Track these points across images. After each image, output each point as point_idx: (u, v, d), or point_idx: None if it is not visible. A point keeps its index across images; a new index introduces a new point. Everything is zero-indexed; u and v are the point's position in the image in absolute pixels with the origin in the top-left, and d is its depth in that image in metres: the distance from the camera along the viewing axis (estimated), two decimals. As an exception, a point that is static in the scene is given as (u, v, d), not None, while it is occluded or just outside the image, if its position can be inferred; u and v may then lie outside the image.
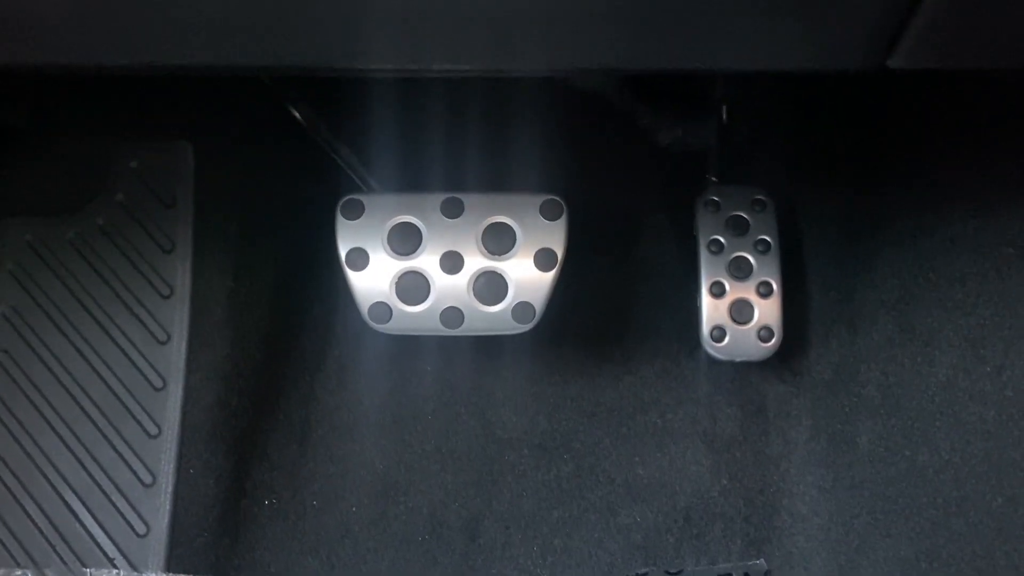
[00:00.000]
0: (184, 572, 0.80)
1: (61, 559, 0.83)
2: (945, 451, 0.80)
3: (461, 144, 0.91)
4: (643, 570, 0.85)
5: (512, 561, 0.87)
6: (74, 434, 0.86)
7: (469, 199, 0.84)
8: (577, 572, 0.86)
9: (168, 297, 0.90)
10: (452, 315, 0.83)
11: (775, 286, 0.86)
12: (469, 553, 0.88)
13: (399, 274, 0.84)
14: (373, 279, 0.84)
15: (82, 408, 0.87)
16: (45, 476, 0.85)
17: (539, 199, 0.84)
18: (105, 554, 0.83)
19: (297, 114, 0.94)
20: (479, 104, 0.93)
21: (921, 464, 0.81)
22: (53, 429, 0.86)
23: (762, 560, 0.85)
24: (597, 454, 0.91)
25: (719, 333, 0.86)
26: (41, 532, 0.84)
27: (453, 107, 0.94)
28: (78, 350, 0.89)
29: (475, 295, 0.83)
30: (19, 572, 0.80)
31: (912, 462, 0.82)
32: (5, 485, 0.84)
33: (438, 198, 0.84)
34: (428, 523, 0.89)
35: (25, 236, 0.93)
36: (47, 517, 0.84)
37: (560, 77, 0.84)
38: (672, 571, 0.85)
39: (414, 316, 0.83)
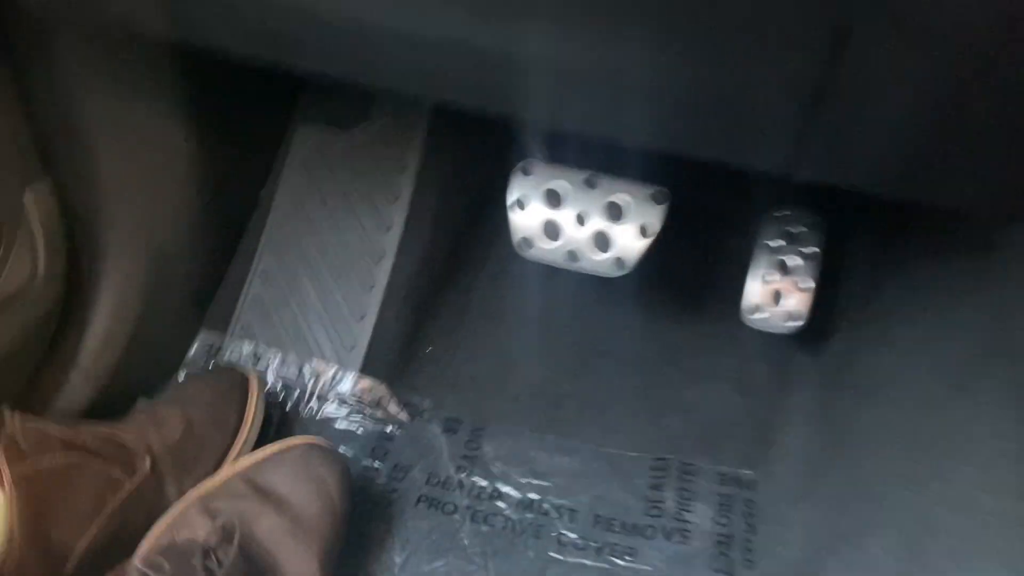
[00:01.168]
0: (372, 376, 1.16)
1: (295, 352, 1.16)
2: (899, 419, 0.93)
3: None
4: (667, 456, 1.12)
5: (582, 429, 1.15)
6: (320, 281, 1.16)
7: (603, 179, 1.02)
8: (621, 444, 1.13)
9: (396, 200, 1.17)
10: (573, 254, 1.02)
11: (810, 284, 1.06)
12: (553, 416, 1.16)
13: (544, 220, 1.03)
14: (527, 219, 1.03)
15: (327, 265, 1.17)
16: (296, 306, 1.17)
17: (652, 188, 1.00)
18: (324, 355, 1.15)
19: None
20: None
21: (877, 424, 0.96)
22: (316, 266, 1.16)
23: (751, 472, 1.09)
24: (656, 374, 1.17)
25: (756, 308, 1.08)
26: (287, 332, 1.16)
27: None
28: (331, 226, 1.16)
29: (591, 244, 1.01)
30: (273, 350, 1.16)
31: (874, 424, 0.97)
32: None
33: (583, 174, 1.02)
34: (527, 390, 1.17)
35: (311, 140, 1.20)
36: (295, 324, 1.17)
37: None
38: (687, 462, 1.11)
39: (548, 251, 1.03)
